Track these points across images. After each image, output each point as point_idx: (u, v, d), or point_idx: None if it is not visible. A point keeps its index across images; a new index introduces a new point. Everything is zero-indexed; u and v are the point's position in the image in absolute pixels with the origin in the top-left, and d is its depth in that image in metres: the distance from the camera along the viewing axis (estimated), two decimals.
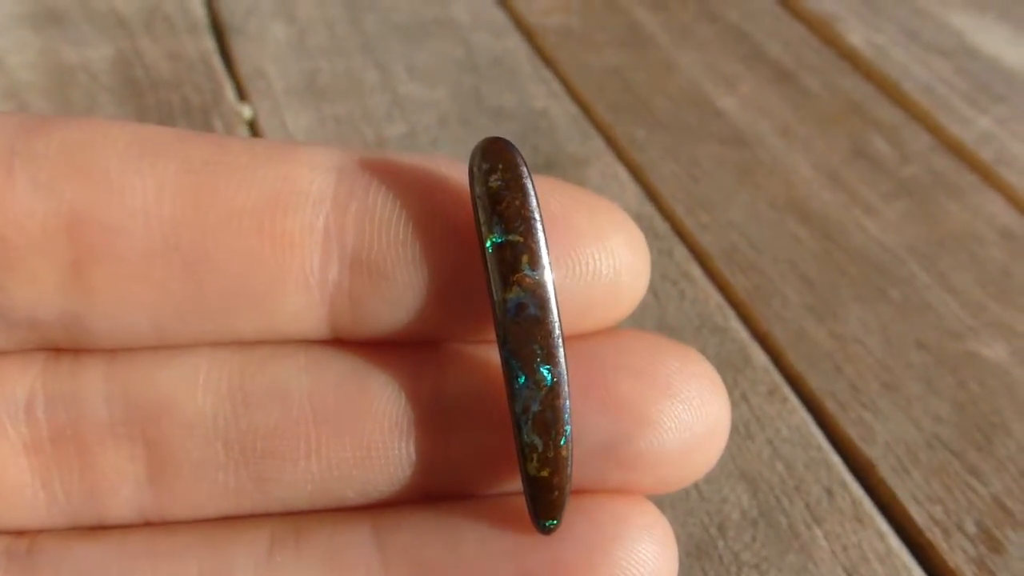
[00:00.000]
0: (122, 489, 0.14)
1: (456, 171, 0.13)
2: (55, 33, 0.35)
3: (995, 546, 0.22)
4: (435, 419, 0.13)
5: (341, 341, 0.14)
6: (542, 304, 0.12)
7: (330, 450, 0.13)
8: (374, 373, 0.13)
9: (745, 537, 0.22)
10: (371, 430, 0.13)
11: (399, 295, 0.13)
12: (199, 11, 0.37)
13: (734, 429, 0.24)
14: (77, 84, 0.33)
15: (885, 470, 0.23)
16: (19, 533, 0.14)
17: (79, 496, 0.14)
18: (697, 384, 0.13)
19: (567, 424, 0.12)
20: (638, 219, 0.29)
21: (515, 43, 0.36)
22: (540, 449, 0.12)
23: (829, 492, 0.23)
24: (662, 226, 0.29)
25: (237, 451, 0.13)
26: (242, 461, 0.13)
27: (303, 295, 0.13)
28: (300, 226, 0.13)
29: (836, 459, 0.24)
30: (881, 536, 0.22)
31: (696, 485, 0.23)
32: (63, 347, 0.14)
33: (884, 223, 0.30)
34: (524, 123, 0.32)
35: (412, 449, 0.13)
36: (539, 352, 0.12)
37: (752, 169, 0.31)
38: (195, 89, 0.33)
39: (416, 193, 0.13)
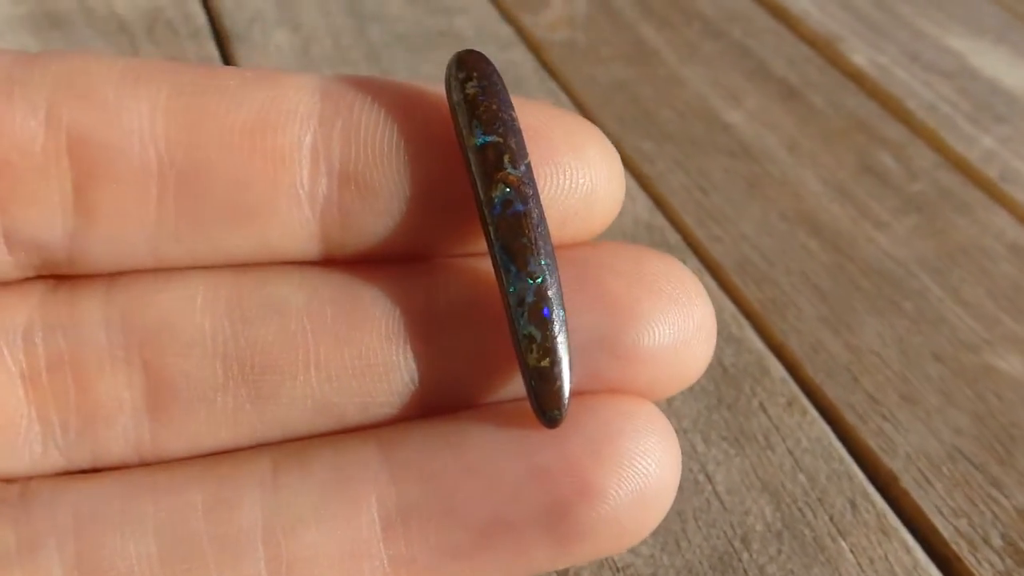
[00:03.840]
0: (119, 419, 0.13)
1: (433, 89, 0.14)
2: (56, 36, 0.34)
3: (1022, 559, 0.21)
4: (431, 327, 0.13)
5: (333, 261, 0.14)
6: (526, 198, 0.12)
7: (329, 360, 0.13)
8: (367, 286, 0.13)
9: (770, 550, 0.21)
10: (368, 339, 0.13)
11: (387, 206, 0.13)
12: (201, 18, 0.36)
13: (754, 439, 0.23)
14: None
15: (908, 482, 0.23)
16: (10, 481, 0.13)
17: (75, 428, 0.13)
18: (682, 284, 0.13)
19: (562, 312, 0.12)
20: (649, 230, 0.29)
21: (521, 55, 0.36)
22: (539, 339, 0.12)
23: (853, 504, 0.22)
24: (673, 237, 0.29)
25: (236, 369, 0.13)
26: (241, 379, 0.13)
27: (295, 209, 0.13)
28: (289, 142, 0.13)
29: (857, 471, 0.23)
30: (907, 549, 0.21)
31: (717, 495, 0.22)
32: (63, 273, 0.14)
33: (894, 237, 0.30)
34: None
35: (410, 356, 0.13)
36: (528, 244, 0.12)
37: (761, 182, 0.31)
38: None
39: (398, 108, 0.13)
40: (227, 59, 0.35)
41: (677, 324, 0.13)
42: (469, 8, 0.38)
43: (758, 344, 0.26)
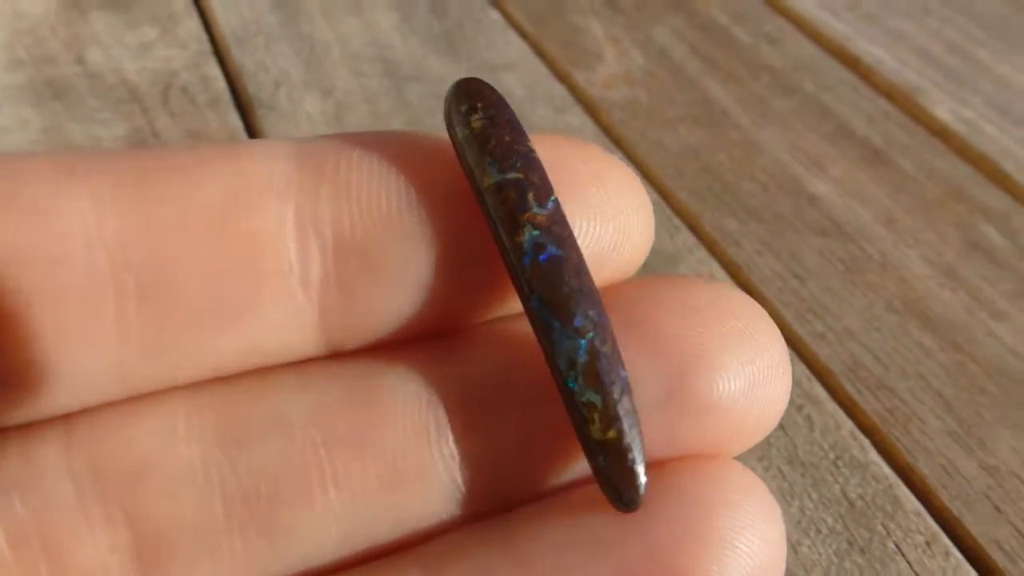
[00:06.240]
0: None
1: (429, 133, 0.12)
2: (59, 108, 0.31)
3: None
4: (468, 411, 0.11)
5: (342, 355, 0.12)
6: (561, 240, 0.11)
7: (350, 475, 0.11)
8: (383, 374, 0.12)
9: None
10: (394, 439, 0.11)
11: (398, 277, 0.11)
12: (220, 82, 0.33)
13: None
14: None
15: None
16: None
17: None
18: (746, 313, 0.11)
19: (623, 369, 0.10)
20: None
21: (579, 119, 0.33)
22: (600, 406, 0.10)
23: None
24: None
25: (240, 504, 0.11)
26: (248, 516, 0.11)
27: (285, 299, 0.11)
28: (268, 220, 0.11)
29: None
30: None
31: None
32: (4, 425, 0.11)
33: (1015, 328, 0.27)
34: None
35: (447, 451, 0.11)
36: (571, 294, 0.10)
37: (860, 266, 0.28)
38: None
39: (392, 160, 0.11)
40: (252, 130, 0.31)
41: (751, 362, 0.11)
42: (516, 64, 0.35)
43: (884, 469, 0.23)
